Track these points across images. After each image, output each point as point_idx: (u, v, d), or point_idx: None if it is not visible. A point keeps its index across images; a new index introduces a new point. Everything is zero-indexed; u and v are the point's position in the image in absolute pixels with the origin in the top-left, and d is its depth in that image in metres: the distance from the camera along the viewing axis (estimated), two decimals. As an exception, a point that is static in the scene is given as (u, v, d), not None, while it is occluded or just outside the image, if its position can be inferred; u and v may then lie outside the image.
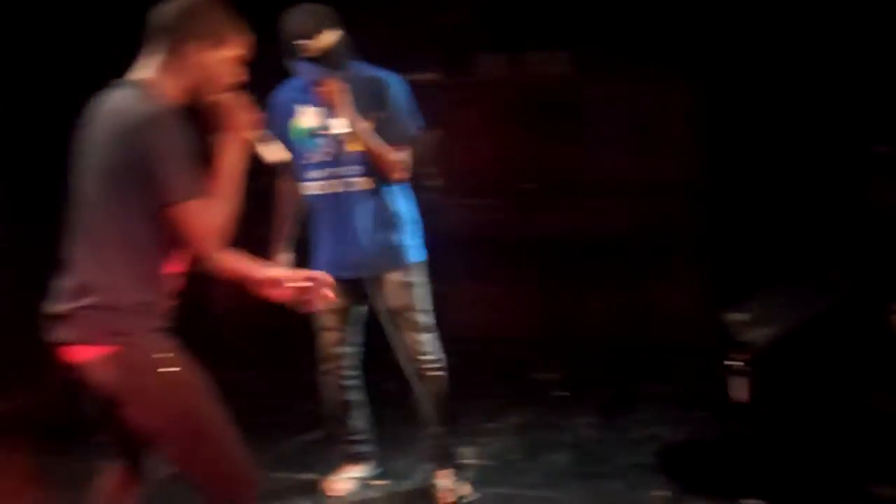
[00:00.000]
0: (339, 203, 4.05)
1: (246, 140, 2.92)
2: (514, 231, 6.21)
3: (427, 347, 4.16)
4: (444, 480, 4.31)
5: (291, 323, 6.29)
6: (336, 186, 4.04)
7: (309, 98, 4.00)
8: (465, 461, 4.57)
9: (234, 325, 6.89)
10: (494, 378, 5.73)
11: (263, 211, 4.08)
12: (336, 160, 4.02)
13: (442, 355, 4.20)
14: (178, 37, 2.82)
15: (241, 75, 2.93)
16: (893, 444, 4.49)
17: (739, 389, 4.93)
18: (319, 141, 4.02)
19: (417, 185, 4.02)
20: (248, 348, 6.49)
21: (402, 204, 4.16)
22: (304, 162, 4.04)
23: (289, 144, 3.92)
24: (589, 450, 4.86)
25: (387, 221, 4.09)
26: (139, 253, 2.78)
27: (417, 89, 4.18)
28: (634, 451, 4.81)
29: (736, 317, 5.25)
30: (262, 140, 3.09)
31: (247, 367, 6.14)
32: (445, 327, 4.25)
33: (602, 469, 4.62)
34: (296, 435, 5.12)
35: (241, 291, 3.03)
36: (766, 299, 5.31)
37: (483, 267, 6.11)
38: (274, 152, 3.18)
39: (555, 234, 6.13)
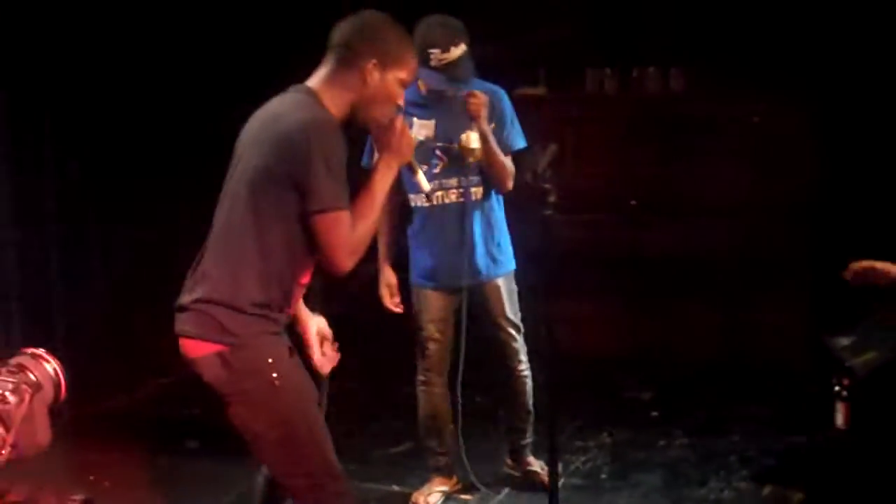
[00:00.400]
0: (450, 213, 4.15)
1: (401, 163, 2.97)
2: (617, 248, 6.17)
3: (522, 350, 4.36)
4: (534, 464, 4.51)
5: (386, 334, 6.43)
6: (449, 197, 4.13)
7: (424, 109, 4.06)
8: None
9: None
10: (587, 396, 5.68)
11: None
12: (450, 171, 4.11)
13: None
14: (355, 52, 2.88)
15: (401, 98, 3.01)
16: None
17: (839, 415, 4.83)
18: (434, 152, 4.08)
19: (533, 199, 4.05)
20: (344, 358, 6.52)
21: (502, 214, 4.29)
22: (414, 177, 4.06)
23: None
24: (681, 471, 4.79)
25: (494, 230, 4.24)
26: (270, 255, 2.80)
27: (525, 104, 4.21)
28: (727, 474, 4.73)
29: (838, 341, 5.14)
30: (416, 166, 3.19)
31: (340, 377, 6.18)
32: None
33: (694, 492, 4.56)
34: (386, 447, 5.15)
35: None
36: (870, 324, 5.19)
37: (584, 283, 6.05)
38: (425, 180, 3.29)
39: (657, 252, 6.08)
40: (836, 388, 4.82)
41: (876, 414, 4.72)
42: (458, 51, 3.92)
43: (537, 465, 4.51)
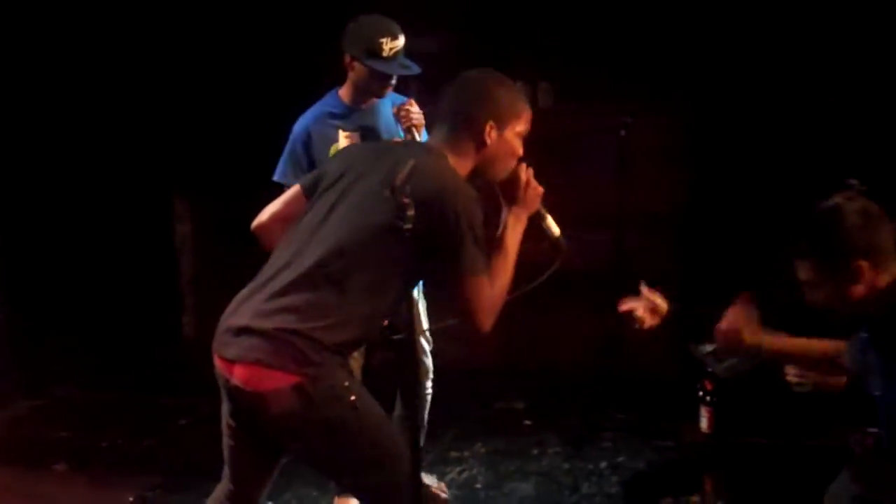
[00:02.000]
0: None
1: (530, 214, 3.08)
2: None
3: (431, 370, 4.42)
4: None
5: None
6: None
7: (346, 120, 4.08)
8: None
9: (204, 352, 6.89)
10: (460, 407, 5.72)
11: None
12: None
13: None
14: (472, 118, 2.94)
15: (521, 150, 3.08)
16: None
17: (703, 420, 4.97)
18: None
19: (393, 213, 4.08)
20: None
21: None
22: None
23: None
24: (554, 478, 4.88)
25: None
26: (374, 303, 2.78)
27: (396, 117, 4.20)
28: (599, 480, 4.83)
29: (703, 348, 5.28)
30: (544, 212, 3.25)
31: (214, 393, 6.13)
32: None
33: (566, 499, 4.65)
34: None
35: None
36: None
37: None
38: (556, 226, 3.35)
39: (527, 262, 6.12)
40: (700, 393, 4.98)
41: (737, 419, 4.89)
42: (403, 39, 4.00)
43: (430, 481, 4.48)
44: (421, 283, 4.24)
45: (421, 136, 4.01)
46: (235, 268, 6.91)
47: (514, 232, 2.96)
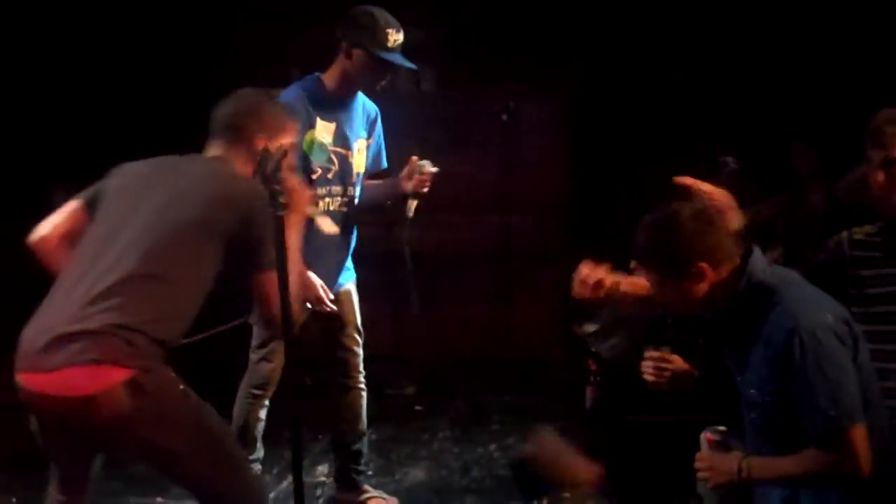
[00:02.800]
0: (336, 221, 3.95)
1: (306, 216, 3.17)
2: (372, 245, 6.20)
3: (362, 363, 4.28)
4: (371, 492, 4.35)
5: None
6: (334, 203, 4.01)
7: (326, 111, 3.95)
8: (323, 478, 4.58)
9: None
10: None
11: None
12: (338, 178, 4.01)
13: None
14: (245, 131, 3.12)
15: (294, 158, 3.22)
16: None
17: (588, 398, 5.06)
18: (330, 157, 3.96)
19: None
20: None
21: None
22: (310, 177, 3.92)
23: (298, 156, 3.79)
24: (444, 462, 4.91)
25: (352, 241, 4.21)
26: (190, 299, 2.88)
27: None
28: (488, 462, 4.88)
29: (586, 328, 5.38)
30: (319, 214, 3.52)
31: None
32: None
33: (456, 482, 4.67)
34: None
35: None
36: (613, 312, 5.45)
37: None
38: (329, 224, 3.54)
39: (414, 250, 6.12)
40: (584, 372, 5.07)
41: (618, 397, 4.98)
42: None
43: (376, 494, 4.35)
44: (353, 276, 4.26)
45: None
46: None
47: (293, 235, 2.98)
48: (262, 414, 4.17)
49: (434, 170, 4.10)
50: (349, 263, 4.23)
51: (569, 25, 5.98)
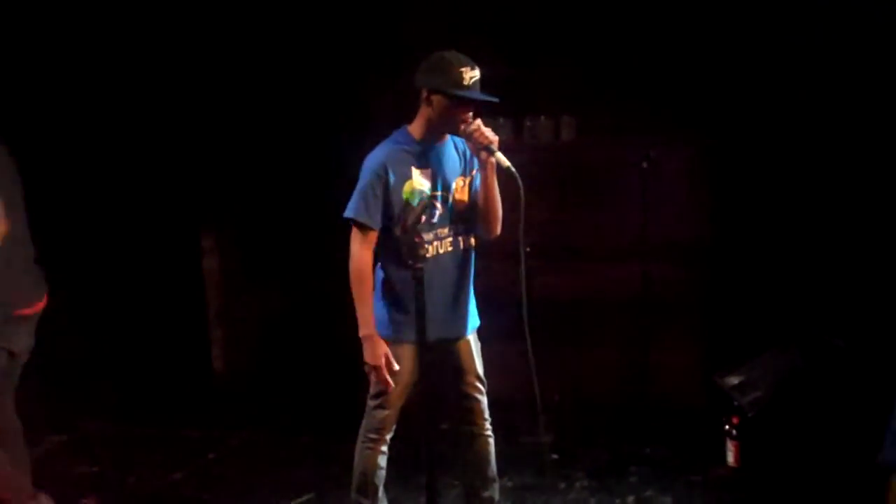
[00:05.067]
0: (443, 264, 4.08)
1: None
2: (513, 294, 6.21)
3: (487, 410, 4.31)
4: None
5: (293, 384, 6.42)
6: (444, 246, 4.09)
7: (419, 158, 4.04)
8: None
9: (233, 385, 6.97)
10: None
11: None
12: (445, 220, 4.08)
13: None
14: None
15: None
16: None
17: (730, 453, 4.96)
18: (433, 201, 4.04)
19: (408, 252, 4.06)
20: (247, 408, 6.53)
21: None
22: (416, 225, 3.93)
23: (400, 206, 3.96)
24: (581, 513, 4.86)
25: (469, 284, 4.22)
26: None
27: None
28: (626, 515, 4.82)
29: (728, 380, 5.29)
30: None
31: (243, 426, 6.19)
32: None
33: (593, 533, 4.63)
34: (289, 497, 5.13)
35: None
36: (758, 363, 5.34)
37: (480, 329, 6.15)
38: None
39: (553, 297, 6.12)
40: (727, 426, 4.97)
41: (764, 450, 4.87)
42: (479, 71, 3.98)
43: None
44: (476, 324, 4.30)
45: (497, 155, 3.98)
46: (261, 301, 7.08)
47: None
48: (382, 461, 4.24)
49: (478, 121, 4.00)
50: (472, 309, 4.25)
51: (706, 71, 5.93)
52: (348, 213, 4.01)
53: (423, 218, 3.90)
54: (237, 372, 7.07)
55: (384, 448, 4.23)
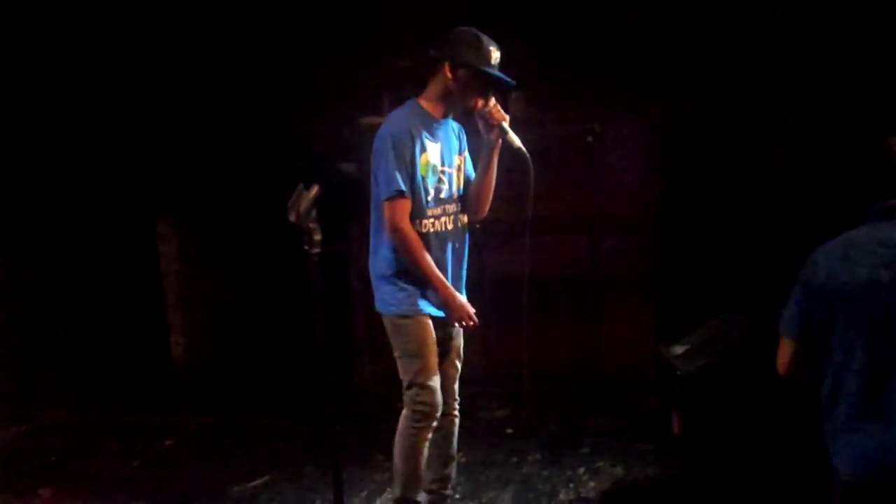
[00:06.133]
0: (448, 239, 4.13)
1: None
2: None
3: (458, 390, 4.39)
4: None
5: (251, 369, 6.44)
6: (450, 222, 4.14)
7: (433, 135, 4.06)
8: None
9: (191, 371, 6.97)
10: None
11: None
12: (449, 196, 4.14)
13: None
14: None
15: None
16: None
17: (674, 422, 5.02)
18: (440, 177, 4.09)
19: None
20: (205, 394, 6.55)
21: None
22: (428, 197, 4.05)
23: (417, 178, 3.98)
24: (532, 486, 4.90)
25: (468, 261, 4.30)
26: None
27: (371, 132, 4.23)
28: (576, 486, 4.87)
29: (673, 350, 5.34)
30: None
31: (202, 412, 6.22)
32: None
33: (545, 505, 4.68)
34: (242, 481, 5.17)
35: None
36: (704, 332, 5.40)
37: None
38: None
39: (505, 271, 6.12)
40: (670, 396, 5.03)
41: (705, 419, 4.92)
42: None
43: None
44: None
45: (511, 135, 4.07)
46: (219, 287, 7.07)
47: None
48: (426, 448, 4.22)
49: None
50: (461, 284, 4.30)
51: (653, 44, 5.94)
52: (386, 194, 3.93)
53: (433, 192, 4.02)
54: (195, 358, 7.07)
55: (429, 434, 4.17)
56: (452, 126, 4.21)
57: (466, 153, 4.26)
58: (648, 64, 5.92)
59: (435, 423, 4.15)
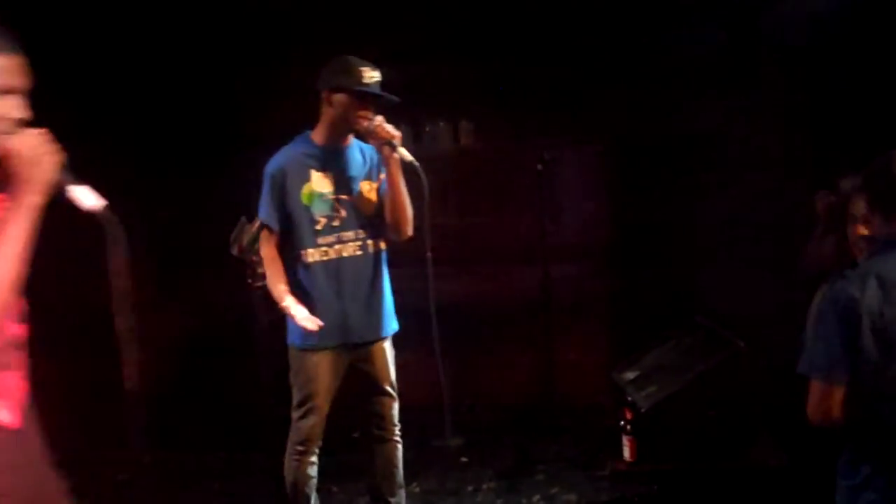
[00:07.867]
0: (349, 267, 4.12)
1: (48, 192, 2.40)
2: (417, 299, 6.25)
3: (397, 416, 4.35)
4: None
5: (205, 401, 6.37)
6: (347, 250, 4.12)
7: (320, 162, 4.09)
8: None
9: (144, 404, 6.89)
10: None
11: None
12: (349, 223, 4.12)
13: None
14: None
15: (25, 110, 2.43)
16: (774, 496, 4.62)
17: (626, 448, 5.05)
18: (334, 205, 4.09)
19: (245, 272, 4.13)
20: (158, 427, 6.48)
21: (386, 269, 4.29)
22: (314, 227, 4.07)
23: (298, 209, 4.04)
24: (487, 515, 4.91)
25: (382, 287, 4.25)
26: None
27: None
28: (531, 515, 4.88)
29: (625, 376, 5.38)
30: (71, 185, 2.50)
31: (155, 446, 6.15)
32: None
33: (498, 534, 4.68)
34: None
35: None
36: (655, 357, 5.45)
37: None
38: (89, 197, 2.51)
39: (458, 301, 6.16)
40: (622, 422, 5.06)
41: (657, 445, 4.95)
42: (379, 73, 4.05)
43: None
44: (394, 328, 4.34)
45: (400, 150, 4.04)
46: (172, 318, 7.00)
47: (15, 216, 2.32)
48: (312, 471, 4.27)
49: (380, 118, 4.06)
50: (387, 312, 4.28)
51: (604, 75, 6.02)
52: (261, 216, 4.10)
53: (323, 221, 4.02)
54: (149, 391, 6.99)
55: (313, 459, 4.25)
56: (365, 153, 4.22)
57: (383, 179, 4.21)
58: (597, 93, 6.00)
59: (316, 453, 4.23)
